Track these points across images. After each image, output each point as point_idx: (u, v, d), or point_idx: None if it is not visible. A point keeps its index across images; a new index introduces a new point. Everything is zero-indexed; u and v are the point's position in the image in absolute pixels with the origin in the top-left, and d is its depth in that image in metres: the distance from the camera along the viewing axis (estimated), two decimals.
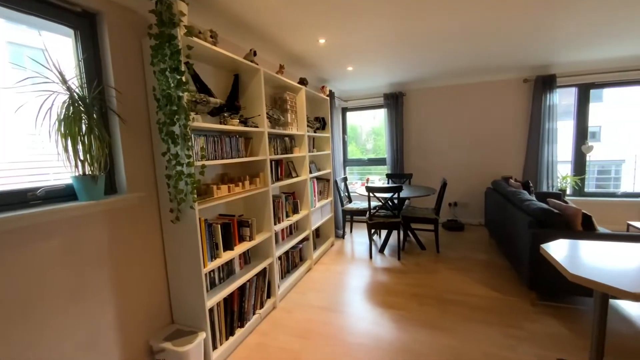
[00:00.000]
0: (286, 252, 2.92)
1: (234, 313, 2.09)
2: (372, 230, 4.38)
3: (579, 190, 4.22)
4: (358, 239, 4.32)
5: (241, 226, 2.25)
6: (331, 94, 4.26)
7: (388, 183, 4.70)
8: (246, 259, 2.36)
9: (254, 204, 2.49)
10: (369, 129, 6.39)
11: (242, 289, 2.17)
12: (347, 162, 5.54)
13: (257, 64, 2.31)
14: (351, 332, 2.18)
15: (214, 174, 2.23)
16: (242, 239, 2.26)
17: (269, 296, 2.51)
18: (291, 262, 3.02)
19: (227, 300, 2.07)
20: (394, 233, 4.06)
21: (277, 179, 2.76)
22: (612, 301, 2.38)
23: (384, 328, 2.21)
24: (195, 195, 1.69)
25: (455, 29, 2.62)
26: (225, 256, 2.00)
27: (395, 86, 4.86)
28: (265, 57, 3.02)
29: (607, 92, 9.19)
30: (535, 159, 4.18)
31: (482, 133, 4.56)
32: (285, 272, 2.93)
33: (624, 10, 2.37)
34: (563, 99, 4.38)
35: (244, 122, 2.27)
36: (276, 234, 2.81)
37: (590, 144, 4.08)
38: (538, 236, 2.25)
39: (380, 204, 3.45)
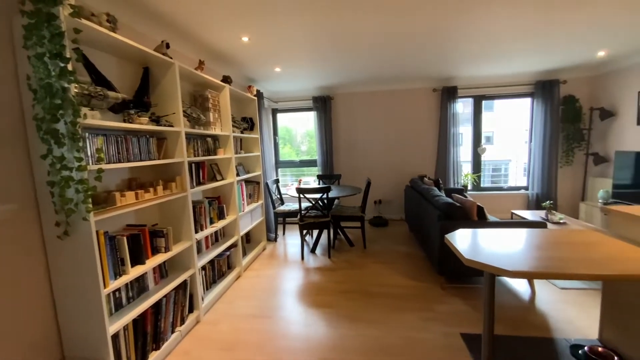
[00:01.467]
0: (211, 261, 2.73)
1: (147, 335, 1.86)
2: (304, 231, 4.42)
3: (477, 186, 4.95)
4: (291, 240, 4.31)
5: (155, 237, 2.02)
6: (259, 94, 4.16)
7: (319, 184, 4.80)
8: (162, 272, 2.13)
9: (171, 211, 2.26)
10: (303, 131, 6.43)
11: (157, 306, 1.94)
12: (279, 163, 5.49)
13: (171, 58, 2.10)
14: (281, 337, 2.14)
15: (118, 179, 1.95)
16: (156, 251, 2.03)
17: (191, 310, 2.30)
18: (218, 271, 2.84)
19: (138, 321, 1.83)
20: (325, 232, 4.16)
21: (199, 183, 2.56)
22: (503, 278, 2.84)
23: (313, 328, 2.23)
24: (90, 205, 1.45)
25: (375, 38, 2.81)
26: (135, 272, 1.76)
27: (323, 90, 5.01)
28: (182, 51, 2.78)
29: (497, 103, 11.07)
30: (445, 160, 4.77)
31: (402, 136, 5.00)
32: (211, 283, 2.74)
33: (508, 34, 2.86)
34: (466, 108, 5.09)
35: (156, 120, 2.04)
36: (198, 243, 2.60)
37: (484, 146, 4.83)
38: (445, 227, 2.56)
39: (311, 204, 3.50)
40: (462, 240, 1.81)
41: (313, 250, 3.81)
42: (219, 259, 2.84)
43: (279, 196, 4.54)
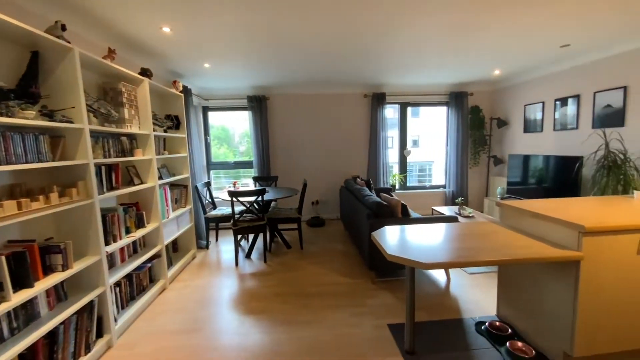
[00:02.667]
0: (128, 276, 2.42)
1: None
2: (239, 236, 4.25)
3: (403, 185, 5.40)
4: (225, 246, 4.09)
5: (48, 253, 1.70)
6: (187, 91, 3.86)
7: (255, 186, 4.67)
8: (60, 294, 1.80)
9: (72, 222, 1.93)
10: (242, 130, 6.15)
11: (52, 335, 1.64)
12: (211, 165, 5.18)
13: (69, 42, 1.80)
14: (212, 350, 2.00)
15: None
16: (50, 270, 1.71)
17: (100, 335, 2.00)
18: (137, 285, 2.53)
19: (26, 356, 1.51)
20: (262, 236, 4.06)
21: (112, 188, 2.25)
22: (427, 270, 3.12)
23: (247, 336, 2.14)
24: None
25: (305, 41, 2.84)
26: (19, 297, 1.45)
27: (258, 89, 4.89)
28: (87, 37, 2.41)
29: (422, 109, 12.30)
30: (375, 161, 5.08)
31: (337, 138, 5.17)
32: (129, 300, 2.43)
33: (427, 50, 3.17)
34: (395, 113, 5.50)
35: (49, 115, 1.72)
36: (111, 256, 2.28)
37: (409, 149, 5.28)
38: (373, 225, 2.71)
39: (246, 208, 3.37)
40: (387, 237, 1.93)
41: (248, 256, 3.68)
42: (139, 272, 2.54)
43: (210, 200, 4.27)
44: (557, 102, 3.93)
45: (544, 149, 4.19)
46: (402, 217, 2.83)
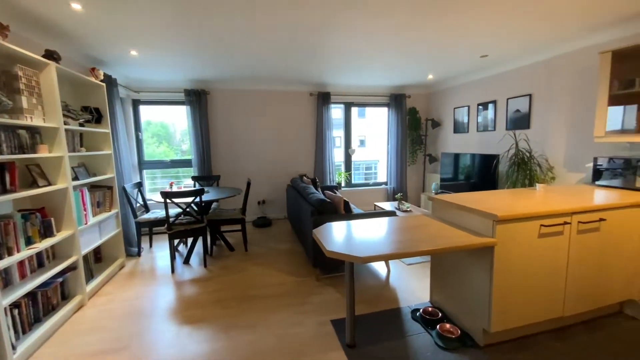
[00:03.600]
0: (31, 295, 2.05)
1: None
2: (177, 241, 3.94)
3: (349, 183, 5.55)
4: (160, 253, 3.75)
5: None
6: (111, 80, 3.44)
7: (195, 186, 4.37)
8: None
9: None
10: (184, 127, 5.66)
11: None
12: (144, 164, 4.70)
13: None
14: None
15: None
16: None
17: None
18: (44, 305, 2.17)
19: None
20: (202, 239, 3.81)
21: (5, 191, 1.88)
22: (369, 263, 3.24)
23: (183, 348, 1.97)
24: None
25: (242, 35, 2.72)
26: None
27: (198, 83, 4.58)
28: None
29: (367, 110, 12.84)
30: (322, 160, 5.13)
31: (283, 137, 5.10)
32: (32, 323, 2.06)
33: (365, 52, 3.27)
34: (341, 114, 5.62)
35: None
36: (5, 273, 1.91)
37: (353, 148, 5.45)
38: (317, 222, 2.72)
39: (183, 210, 3.12)
40: (328, 233, 1.94)
41: (187, 261, 3.42)
42: (46, 289, 2.17)
43: (142, 203, 3.88)
44: (480, 107, 4.40)
45: (470, 148, 4.66)
46: (345, 213, 2.89)
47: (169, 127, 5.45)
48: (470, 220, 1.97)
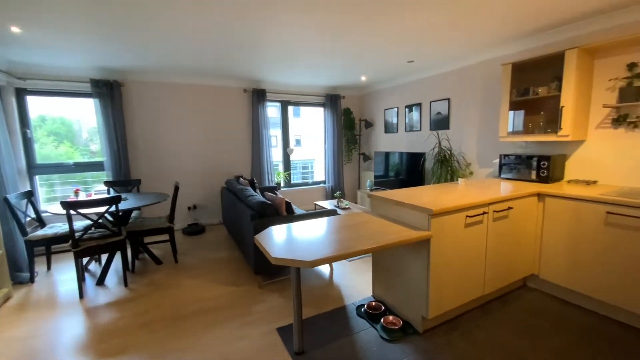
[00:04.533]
0: None
1: None
2: (86, 259, 3.32)
3: (288, 183, 5.46)
4: (64, 275, 3.10)
5: None
6: None
7: (109, 193, 3.75)
8: None
9: None
10: (93, 124, 4.75)
11: None
12: (35, 169, 3.84)
13: None
14: None
15: None
16: None
17: None
18: None
19: None
20: (120, 255, 3.27)
21: None
22: None
23: None
24: None
25: (166, 22, 2.40)
26: None
27: (109, 72, 3.93)
28: None
29: (302, 109, 12.90)
30: (259, 160, 4.93)
31: (216, 136, 4.73)
32: None
33: (298, 49, 3.20)
34: (277, 112, 5.47)
35: None
36: None
37: (292, 147, 5.37)
38: (258, 226, 2.56)
39: (97, 222, 2.61)
40: (272, 238, 1.82)
41: (101, 282, 2.89)
42: None
43: (35, 216, 3.16)
44: (407, 109, 4.76)
45: (399, 147, 5.01)
46: (287, 215, 2.80)
47: (72, 123, 4.55)
48: (408, 215, 2.08)
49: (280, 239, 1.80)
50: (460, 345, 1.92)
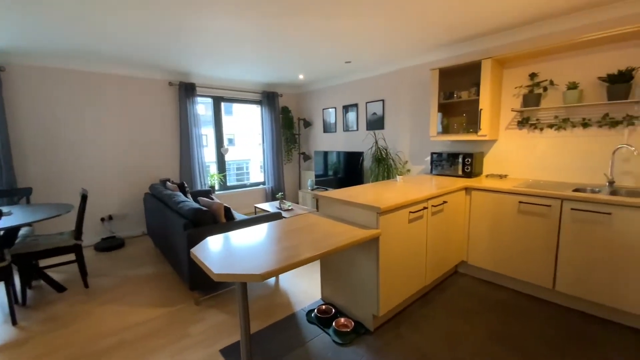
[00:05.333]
0: None
1: None
2: None
3: (223, 185, 5.07)
4: None
5: None
6: None
7: None
8: None
9: None
10: None
11: None
12: None
13: None
14: None
15: None
16: None
17: None
18: None
19: None
20: (3, 285, 2.56)
21: None
22: None
23: None
24: None
25: None
26: None
27: None
28: None
29: (235, 107, 12.24)
30: (189, 161, 4.44)
31: (136, 134, 4.10)
32: None
33: (227, 42, 2.94)
34: (208, 110, 5.01)
35: None
36: None
37: (226, 147, 5.00)
38: (193, 236, 2.26)
39: None
40: (211, 251, 1.59)
41: None
42: None
43: None
44: (344, 109, 4.85)
45: (338, 147, 5.09)
46: (227, 221, 2.54)
47: None
48: (356, 214, 2.06)
49: (221, 251, 1.59)
50: (410, 337, 1.97)
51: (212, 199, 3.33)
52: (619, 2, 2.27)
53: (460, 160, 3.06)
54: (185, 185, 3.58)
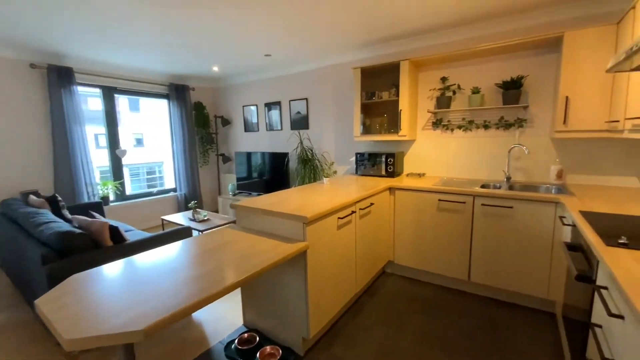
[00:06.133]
0: None
1: None
2: None
3: (121, 195, 4.19)
4: None
5: None
6: None
7: None
8: None
9: None
10: None
11: None
12: None
13: None
14: None
15: None
16: None
17: None
18: None
19: None
20: None
21: None
22: None
23: None
24: None
25: None
26: None
27: None
28: None
29: (143, 102, 10.56)
30: (68, 167, 3.50)
31: None
32: None
33: (119, 23, 2.33)
34: (98, 106, 4.04)
35: None
36: None
37: (123, 148, 4.13)
38: (56, 271, 1.65)
39: None
40: (73, 297, 1.11)
41: None
42: None
43: None
44: (267, 107, 4.53)
45: (261, 147, 4.73)
46: (114, 244, 1.97)
47: None
48: (280, 225, 1.79)
49: (92, 295, 1.12)
50: (344, 355, 1.80)
51: (93, 216, 2.62)
52: (512, 16, 2.54)
53: (383, 160, 3.07)
54: (59, 198, 2.75)
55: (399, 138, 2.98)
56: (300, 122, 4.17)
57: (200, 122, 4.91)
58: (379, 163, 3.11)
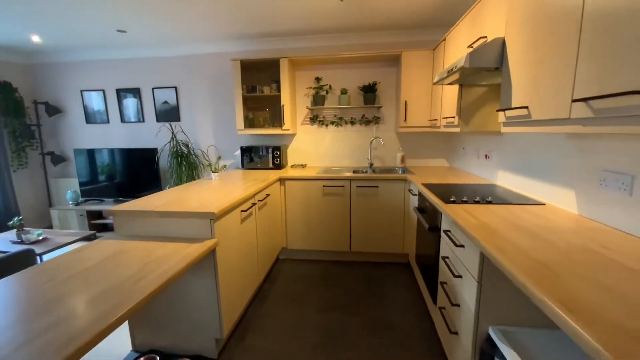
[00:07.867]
0: None
1: None
2: None
3: None
4: None
5: None
6: None
7: None
8: None
9: None
10: None
11: None
12: None
13: None
14: None
15: None
16: None
17: None
18: None
19: None
20: None
21: None
22: None
23: None
24: None
25: None
26: None
27: None
28: None
29: None
30: None
31: None
32: None
33: None
34: None
35: None
36: None
37: None
38: None
39: None
40: None
41: None
42: None
43: None
44: (121, 93, 3.75)
45: (115, 142, 3.89)
46: None
47: None
48: (181, 226, 1.62)
49: None
50: (259, 344, 1.84)
51: None
52: (367, 32, 3.12)
53: (270, 153, 3.18)
54: None
55: (283, 132, 3.15)
56: (169, 114, 3.70)
57: (10, 109, 3.55)
58: (266, 156, 3.19)
